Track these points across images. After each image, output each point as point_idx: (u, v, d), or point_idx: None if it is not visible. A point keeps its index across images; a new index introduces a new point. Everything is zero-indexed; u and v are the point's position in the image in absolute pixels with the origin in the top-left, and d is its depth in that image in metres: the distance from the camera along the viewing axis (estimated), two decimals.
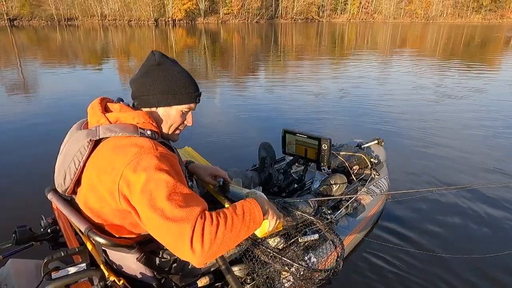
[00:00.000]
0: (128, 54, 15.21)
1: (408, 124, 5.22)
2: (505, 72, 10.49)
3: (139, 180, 0.98)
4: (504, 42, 21.83)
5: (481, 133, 4.84)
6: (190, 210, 0.96)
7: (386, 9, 58.83)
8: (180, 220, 0.93)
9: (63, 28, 33.87)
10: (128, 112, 1.16)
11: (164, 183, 0.98)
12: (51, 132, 4.66)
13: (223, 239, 0.97)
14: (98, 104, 1.18)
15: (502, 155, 4.07)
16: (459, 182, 3.42)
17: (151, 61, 1.21)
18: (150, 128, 1.15)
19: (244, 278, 1.51)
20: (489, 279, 2.17)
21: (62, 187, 1.18)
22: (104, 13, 46.00)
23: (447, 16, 58.23)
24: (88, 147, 1.10)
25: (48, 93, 7.46)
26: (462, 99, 6.77)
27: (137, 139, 1.09)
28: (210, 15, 50.40)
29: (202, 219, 0.96)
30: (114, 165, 1.03)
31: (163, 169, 1.01)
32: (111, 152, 1.07)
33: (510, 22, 52.27)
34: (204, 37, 25.17)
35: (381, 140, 2.96)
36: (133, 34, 27.72)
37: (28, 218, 1.61)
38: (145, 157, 1.02)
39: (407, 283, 2.15)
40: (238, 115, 5.74)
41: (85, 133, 1.12)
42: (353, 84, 8.29)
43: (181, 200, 0.97)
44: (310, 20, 55.56)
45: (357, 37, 26.81)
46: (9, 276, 1.31)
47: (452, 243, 2.52)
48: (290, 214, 1.68)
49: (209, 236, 0.94)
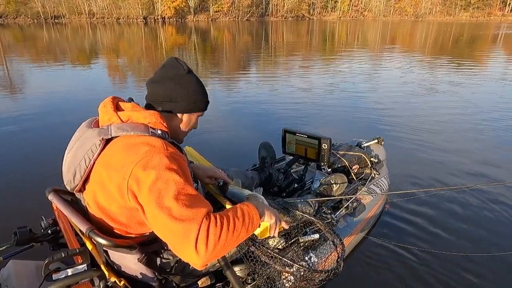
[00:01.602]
0: (118, 53, 14.98)
1: (408, 122, 5.21)
2: (501, 71, 10.57)
3: (149, 178, 1.00)
4: (491, 39, 22.14)
5: (480, 130, 4.85)
6: (197, 211, 0.97)
7: (376, 7, 59.22)
8: (187, 220, 0.95)
9: (50, 26, 33.24)
10: (140, 112, 1.18)
11: (172, 182, 1.00)
12: (43, 132, 4.59)
13: (225, 240, 0.99)
14: (110, 103, 1.19)
15: (505, 153, 4.07)
16: (460, 181, 3.40)
17: (180, 69, 1.26)
18: (161, 128, 1.18)
19: (245, 278, 1.51)
20: (490, 278, 2.17)
21: (72, 184, 1.19)
22: (92, 10, 45.26)
23: (436, 14, 58.92)
24: (99, 146, 1.11)
25: (38, 92, 7.29)
26: (461, 98, 6.78)
27: (149, 138, 1.11)
28: (200, 12, 50.00)
29: (208, 220, 0.98)
30: (125, 162, 1.05)
31: (172, 169, 1.03)
32: (121, 150, 1.09)
33: (497, 20, 53.13)
34: (194, 35, 24.97)
35: (381, 139, 2.95)
36: (122, 32, 27.34)
37: (28, 219, 1.59)
38: (156, 156, 1.04)
39: (408, 282, 2.14)
40: (235, 115, 5.66)
41: (96, 131, 1.13)
42: (349, 82, 8.28)
43: (188, 200, 0.99)
44: (301, 18, 55.57)
45: (348, 35, 26.91)
46: (9, 277, 1.30)
47: (452, 242, 2.51)
48: (291, 214, 1.67)
49: (213, 237, 0.96)
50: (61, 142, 1.39)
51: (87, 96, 6.87)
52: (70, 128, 1.27)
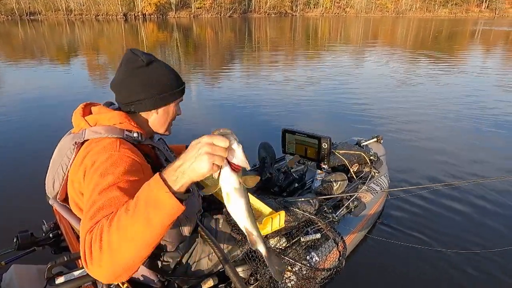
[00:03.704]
0: (97, 50, 14.56)
1: (406, 119, 5.19)
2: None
3: (90, 164, 0.99)
4: (469, 35, 22.70)
5: (479, 127, 4.86)
6: (97, 213, 0.83)
7: (358, 3, 59.90)
8: (84, 227, 0.82)
9: (26, 23, 32.21)
10: (106, 113, 1.13)
11: (107, 175, 0.93)
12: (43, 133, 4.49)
13: (109, 243, 0.75)
14: (80, 109, 1.17)
15: (506, 149, 4.08)
16: (460, 176, 3.40)
17: (137, 62, 1.14)
18: (130, 128, 1.13)
19: (248, 279, 1.50)
20: (494, 274, 2.17)
21: (52, 193, 1.18)
22: (69, 7, 43.97)
23: (416, 10, 60.13)
24: (74, 151, 1.09)
25: (21, 90, 6.99)
26: (461, 96, 6.79)
27: (106, 139, 1.07)
28: (182, 9, 49.40)
29: (97, 226, 0.80)
30: (80, 163, 1.04)
31: (115, 164, 0.97)
32: (82, 153, 1.07)
33: (474, 16, 54.66)
34: (176, 32, 24.64)
35: (380, 138, 2.97)
36: (101, 30, 26.72)
37: (29, 223, 1.58)
38: (106, 152, 1.01)
39: (410, 279, 2.14)
40: (233, 114, 5.53)
41: (71, 136, 1.13)
42: (336, 80, 8.26)
43: (102, 201, 0.86)
44: (284, 15, 55.72)
45: (330, 31, 27.11)
46: (12, 282, 1.30)
47: (454, 239, 2.50)
48: (292, 213, 1.67)
49: (95, 245, 0.76)
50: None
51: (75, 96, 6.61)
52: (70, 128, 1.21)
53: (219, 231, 1.47)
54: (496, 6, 58.61)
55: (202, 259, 1.38)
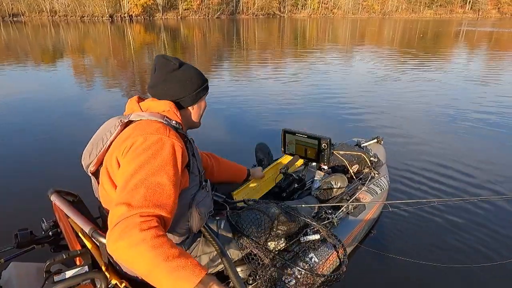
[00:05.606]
0: (84, 52, 14.25)
1: (407, 119, 5.17)
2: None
3: (138, 144, 1.09)
4: (454, 35, 23.07)
5: (479, 127, 4.83)
6: (144, 201, 0.97)
7: (345, 5, 60.43)
8: (125, 203, 0.95)
9: (8, 25, 31.43)
10: (157, 101, 1.29)
11: (156, 164, 1.05)
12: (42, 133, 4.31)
13: (136, 252, 0.90)
14: (136, 97, 1.34)
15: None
16: (460, 178, 3.33)
17: (170, 66, 1.29)
18: (175, 118, 1.26)
19: (246, 279, 1.51)
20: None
21: (86, 161, 1.26)
22: (54, 8, 43.12)
23: (402, 11, 60.98)
24: (118, 127, 1.21)
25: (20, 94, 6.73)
26: (460, 94, 6.82)
27: (157, 123, 1.18)
28: (169, 10, 48.98)
29: (142, 219, 0.94)
30: (128, 137, 1.14)
31: (163, 152, 1.08)
32: (130, 129, 1.18)
33: (458, 17, 55.73)
34: (163, 34, 24.38)
35: (381, 139, 2.95)
36: (87, 31, 26.21)
37: (29, 221, 1.59)
38: (155, 136, 1.11)
39: (409, 281, 2.13)
40: (225, 114, 5.43)
41: (117, 117, 1.26)
42: (328, 81, 8.27)
43: (151, 187, 1.00)
44: (272, 16, 55.80)
45: (318, 32, 27.21)
46: (10, 279, 1.32)
47: (451, 252, 2.40)
48: (292, 218, 1.65)
49: (130, 239, 0.90)
50: (59, 143, 1.20)
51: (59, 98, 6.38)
52: (69, 129, 1.14)
53: (220, 232, 1.50)
54: (479, 7, 59.97)
55: (202, 259, 1.41)
